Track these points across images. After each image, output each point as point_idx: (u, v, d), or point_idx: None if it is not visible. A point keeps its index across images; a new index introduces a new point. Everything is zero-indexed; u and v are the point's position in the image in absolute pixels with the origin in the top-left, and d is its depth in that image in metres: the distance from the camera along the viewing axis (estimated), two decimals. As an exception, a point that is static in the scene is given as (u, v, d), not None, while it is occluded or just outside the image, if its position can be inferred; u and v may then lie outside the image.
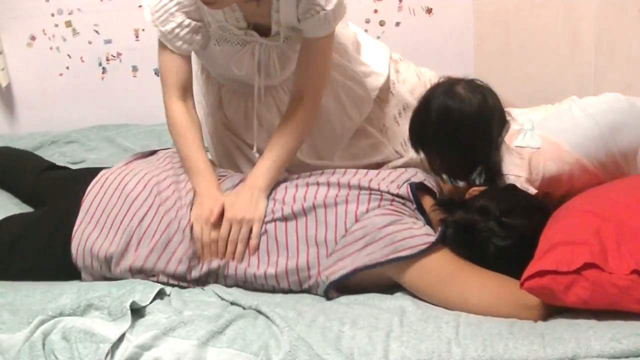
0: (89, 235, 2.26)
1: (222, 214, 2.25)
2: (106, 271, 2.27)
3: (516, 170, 2.40)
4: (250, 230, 2.22)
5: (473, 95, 2.38)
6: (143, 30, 3.68)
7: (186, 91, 2.46)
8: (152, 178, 2.34)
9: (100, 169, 2.47)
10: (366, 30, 3.67)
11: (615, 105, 2.46)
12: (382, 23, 3.72)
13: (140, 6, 2.39)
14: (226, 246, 2.23)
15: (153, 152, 2.57)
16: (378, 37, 3.68)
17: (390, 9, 3.75)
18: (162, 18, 2.37)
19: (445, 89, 2.41)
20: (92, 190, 2.33)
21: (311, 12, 2.35)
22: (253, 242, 2.21)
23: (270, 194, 2.30)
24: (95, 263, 2.26)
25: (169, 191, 2.31)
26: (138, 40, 3.70)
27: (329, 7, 2.34)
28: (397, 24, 3.70)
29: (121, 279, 2.23)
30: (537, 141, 2.43)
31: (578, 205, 2.11)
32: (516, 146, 2.43)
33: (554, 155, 2.41)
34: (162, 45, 2.43)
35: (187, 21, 2.38)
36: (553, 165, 2.41)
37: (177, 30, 2.38)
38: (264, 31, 2.48)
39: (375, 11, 3.76)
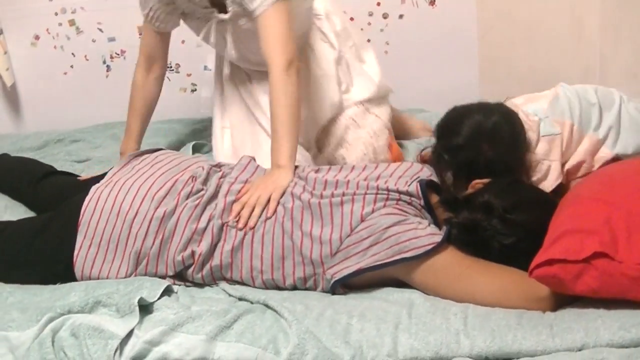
0: (92, 262, 2.24)
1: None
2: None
3: (545, 153, 2.49)
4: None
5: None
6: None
7: (152, 63, 2.90)
8: (147, 190, 2.30)
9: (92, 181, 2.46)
10: (369, 24, 3.69)
11: (601, 87, 2.65)
12: (385, 16, 3.71)
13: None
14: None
15: (138, 155, 2.55)
16: (381, 30, 3.68)
17: (393, 1, 3.74)
18: (142, 3, 2.76)
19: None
20: (87, 211, 2.28)
21: None
22: (271, 205, 2.24)
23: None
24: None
25: (166, 196, 2.30)
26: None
27: None
28: (401, 16, 3.69)
29: None
30: (556, 128, 2.51)
31: (586, 192, 2.11)
32: (542, 136, 2.50)
33: (572, 136, 2.52)
34: (144, 22, 2.83)
35: (158, 4, 2.73)
36: (571, 144, 2.53)
37: (151, 13, 2.76)
38: (224, 9, 2.69)
39: (378, 4, 3.76)
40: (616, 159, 2.51)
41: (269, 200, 2.25)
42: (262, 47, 2.52)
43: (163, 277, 2.22)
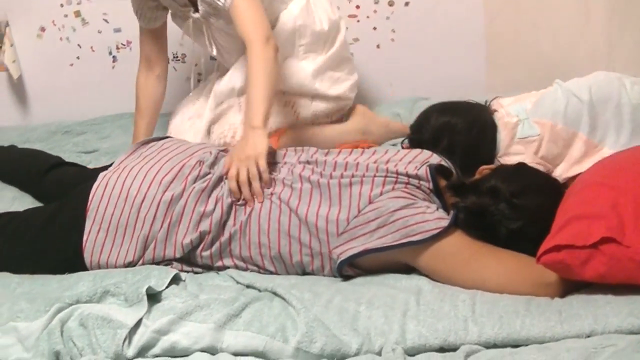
0: (101, 247, 2.26)
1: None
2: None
3: (522, 157, 2.54)
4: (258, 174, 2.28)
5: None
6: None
7: (151, 62, 3.03)
8: (155, 175, 2.31)
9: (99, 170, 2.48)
10: (375, 11, 3.68)
11: (600, 81, 2.62)
12: (391, 3, 3.70)
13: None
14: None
15: (146, 143, 2.56)
16: (387, 18, 3.67)
17: (399, -12, 3.74)
18: (132, 2, 2.91)
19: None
20: (95, 197, 2.29)
21: None
22: (264, 175, 2.26)
23: (288, 168, 2.32)
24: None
25: (173, 180, 2.30)
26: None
27: None
28: (407, 3, 3.67)
29: None
30: (535, 129, 2.57)
31: (593, 178, 2.10)
32: (519, 138, 2.58)
33: (552, 136, 2.56)
34: (139, 23, 2.96)
35: (144, 2, 2.87)
36: (553, 145, 2.56)
37: (140, 11, 2.91)
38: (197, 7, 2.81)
39: (385, -9, 3.76)
40: None
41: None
42: (239, 32, 2.59)
43: (171, 259, 2.23)
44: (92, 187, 2.31)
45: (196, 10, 2.79)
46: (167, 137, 2.61)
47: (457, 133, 2.59)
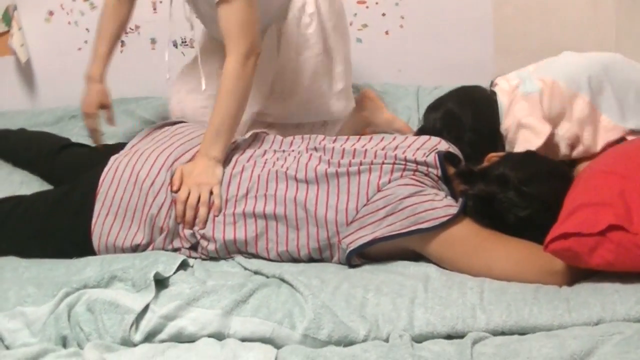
0: (109, 229, 2.26)
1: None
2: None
3: (526, 112, 2.57)
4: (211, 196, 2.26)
5: None
6: (160, 2, 3.66)
7: None
8: (165, 160, 2.33)
9: (111, 151, 2.48)
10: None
11: (605, 53, 2.68)
12: (400, -11, 3.70)
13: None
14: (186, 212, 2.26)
15: (159, 127, 2.58)
16: (396, 4, 3.66)
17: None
18: None
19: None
20: (105, 180, 2.30)
21: None
22: (216, 202, 2.24)
23: (294, 157, 2.31)
24: (119, 252, 2.27)
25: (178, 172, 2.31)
26: (156, 12, 3.68)
27: None
28: (416, -10, 3.67)
29: None
30: (537, 84, 2.59)
31: (600, 166, 2.11)
32: (522, 94, 2.61)
33: (554, 92, 2.57)
34: None
35: None
36: (557, 102, 2.56)
37: None
38: None
39: (393, -22, 3.75)
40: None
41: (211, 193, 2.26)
42: (222, 35, 2.44)
43: (179, 249, 2.24)
44: (102, 171, 2.32)
45: None
46: (181, 122, 2.62)
47: (454, 119, 2.63)
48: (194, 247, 2.25)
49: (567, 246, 1.86)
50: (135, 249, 2.25)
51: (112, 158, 2.37)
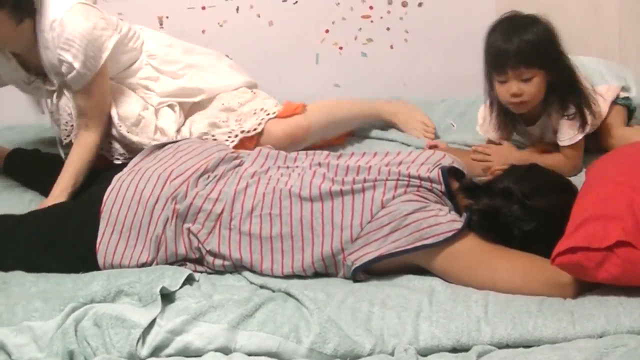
0: (114, 248, 2.27)
1: None
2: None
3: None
4: None
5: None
6: (167, 17, 3.69)
7: None
8: (167, 177, 2.33)
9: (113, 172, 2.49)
10: (389, 12, 3.68)
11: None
12: (404, 4, 3.72)
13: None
14: None
15: (160, 146, 2.58)
16: (401, 18, 3.67)
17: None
18: None
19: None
20: (109, 199, 2.31)
21: (65, 71, 2.66)
22: None
23: (298, 174, 2.30)
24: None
25: (182, 185, 2.31)
26: (162, 27, 3.70)
27: (77, 64, 2.64)
28: (420, 4, 3.70)
29: None
30: None
31: (608, 176, 2.09)
32: None
33: None
34: None
35: None
36: None
37: None
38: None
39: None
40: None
41: None
42: (77, 109, 2.76)
43: (184, 258, 2.25)
44: (106, 190, 2.33)
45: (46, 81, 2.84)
46: (185, 139, 2.64)
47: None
48: (199, 261, 2.25)
49: (575, 260, 1.87)
50: (141, 267, 2.25)
51: (116, 177, 2.38)
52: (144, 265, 2.24)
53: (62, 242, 2.31)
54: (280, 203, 2.21)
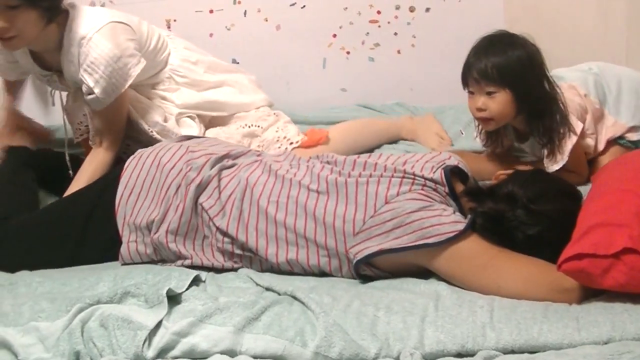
0: (132, 209, 2.34)
1: None
2: (146, 238, 2.32)
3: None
4: None
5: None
6: (175, 20, 3.70)
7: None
8: (185, 151, 2.39)
9: None
10: (396, 17, 3.69)
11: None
12: (412, 9, 3.72)
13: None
14: None
15: (186, 138, 2.63)
16: (408, 24, 3.68)
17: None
18: None
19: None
20: (129, 165, 2.41)
21: (85, 91, 2.70)
22: None
23: (307, 167, 2.34)
24: (138, 232, 2.32)
25: (200, 157, 2.37)
26: (170, 30, 3.71)
27: (97, 90, 2.67)
28: (427, 9, 3.69)
29: (158, 246, 2.28)
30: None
31: (615, 183, 2.10)
32: None
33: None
34: None
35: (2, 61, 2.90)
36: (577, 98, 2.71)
37: None
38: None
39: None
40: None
41: None
42: (95, 124, 2.78)
43: (189, 228, 2.29)
44: (126, 161, 2.43)
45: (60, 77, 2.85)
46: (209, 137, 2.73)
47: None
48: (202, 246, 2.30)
49: (581, 267, 1.87)
50: (150, 225, 2.30)
51: (138, 151, 2.47)
52: (152, 221, 2.29)
53: (79, 212, 2.40)
54: (289, 192, 2.24)
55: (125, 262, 2.34)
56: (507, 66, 2.57)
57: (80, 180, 2.69)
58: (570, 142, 2.64)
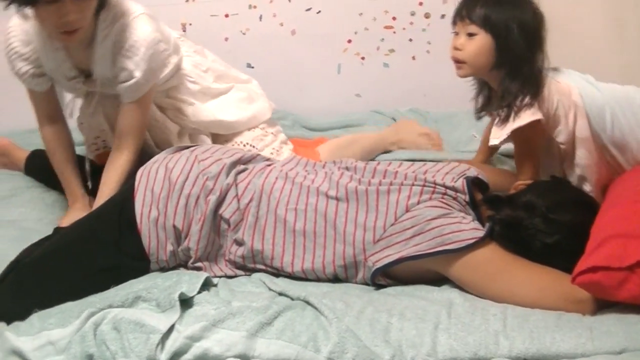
0: (155, 223, 2.26)
1: None
2: (175, 244, 2.27)
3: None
4: None
5: None
6: (190, 24, 3.71)
7: (53, 117, 2.83)
8: (195, 158, 2.35)
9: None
10: (411, 23, 3.69)
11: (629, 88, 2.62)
12: (427, 15, 3.72)
13: (187, 0, 2.45)
14: None
15: (186, 147, 2.59)
16: (423, 30, 3.68)
17: (435, 1, 3.75)
18: (10, 62, 2.68)
19: None
20: (141, 182, 2.31)
21: (122, 78, 2.59)
22: None
23: (325, 173, 2.32)
24: (163, 235, 2.26)
25: (212, 165, 2.33)
26: (185, 32, 3.72)
27: (138, 73, 2.56)
28: (443, 16, 3.68)
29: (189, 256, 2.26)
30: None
31: (629, 194, 2.10)
32: None
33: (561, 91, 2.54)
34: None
35: (26, 68, 2.66)
36: (565, 99, 2.52)
37: (20, 75, 2.69)
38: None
39: (421, 4, 3.77)
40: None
41: None
42: (117, 124, 2.68)
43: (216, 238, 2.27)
44: (136, 174, 2.35)
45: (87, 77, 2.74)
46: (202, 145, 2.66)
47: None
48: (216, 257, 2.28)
49: (596, 280, 1.87)
50: (178, 231, 2.26)
51: (144, 166, 2.38)
52: (179, 228, 2.25)
53: (104, 227, 2.31)
54: (307, 199, 2.23)
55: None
56: (497, 12, 2.50)
57: (104, 191, 2.60)
58: (521, 120, 2.50)
